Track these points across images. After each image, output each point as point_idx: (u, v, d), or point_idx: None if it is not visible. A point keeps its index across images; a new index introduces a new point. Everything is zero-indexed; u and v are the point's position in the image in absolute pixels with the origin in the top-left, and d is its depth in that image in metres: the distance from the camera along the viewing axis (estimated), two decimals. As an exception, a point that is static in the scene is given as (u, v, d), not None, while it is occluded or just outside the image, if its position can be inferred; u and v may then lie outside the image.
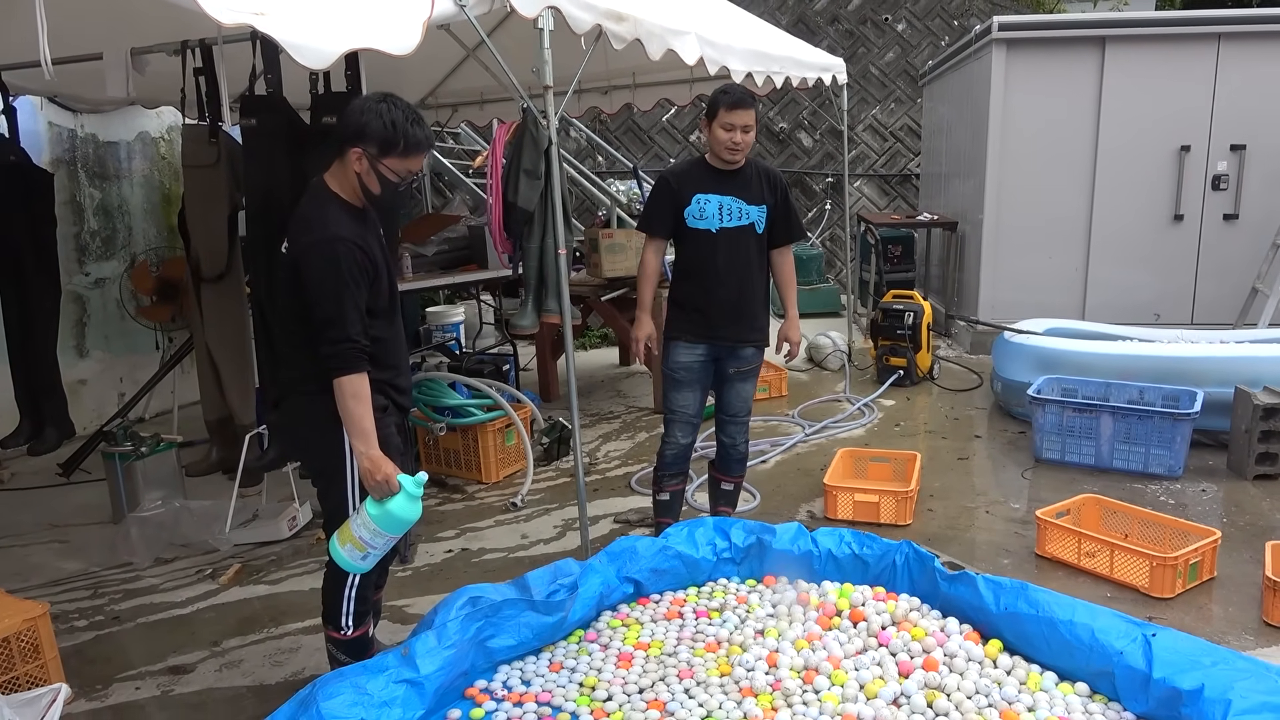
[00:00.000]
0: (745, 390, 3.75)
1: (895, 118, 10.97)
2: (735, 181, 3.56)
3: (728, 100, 3.44)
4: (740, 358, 3.67)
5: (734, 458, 3.84)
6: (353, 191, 2.57)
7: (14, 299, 4.89)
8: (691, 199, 3.54)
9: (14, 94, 4.88)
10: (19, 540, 4.42)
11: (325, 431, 2.57)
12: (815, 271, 9.64)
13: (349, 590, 2.68)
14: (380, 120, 2.45)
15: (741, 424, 3.79)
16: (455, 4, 3.04)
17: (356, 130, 2.47)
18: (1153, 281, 7.22)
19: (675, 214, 3.56)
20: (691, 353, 3.61)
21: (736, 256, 3.56)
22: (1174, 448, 4.56)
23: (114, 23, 3.89)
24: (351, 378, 2.44)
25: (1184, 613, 3.28)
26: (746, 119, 3.44)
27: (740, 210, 3.55)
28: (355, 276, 2.47)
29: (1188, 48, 6.96)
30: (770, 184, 3.62)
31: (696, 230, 3.54)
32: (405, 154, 2.50)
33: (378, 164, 2.50)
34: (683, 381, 3.65)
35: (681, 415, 3.69)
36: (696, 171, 3.60)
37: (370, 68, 3.76)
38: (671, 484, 3.81)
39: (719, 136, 3.47)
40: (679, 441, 3.72)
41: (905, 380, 6.52)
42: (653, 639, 2.92)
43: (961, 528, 4.15)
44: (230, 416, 4.66)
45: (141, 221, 6.58)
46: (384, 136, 2.46)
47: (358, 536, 2.48)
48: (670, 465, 3.77)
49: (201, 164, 4.39)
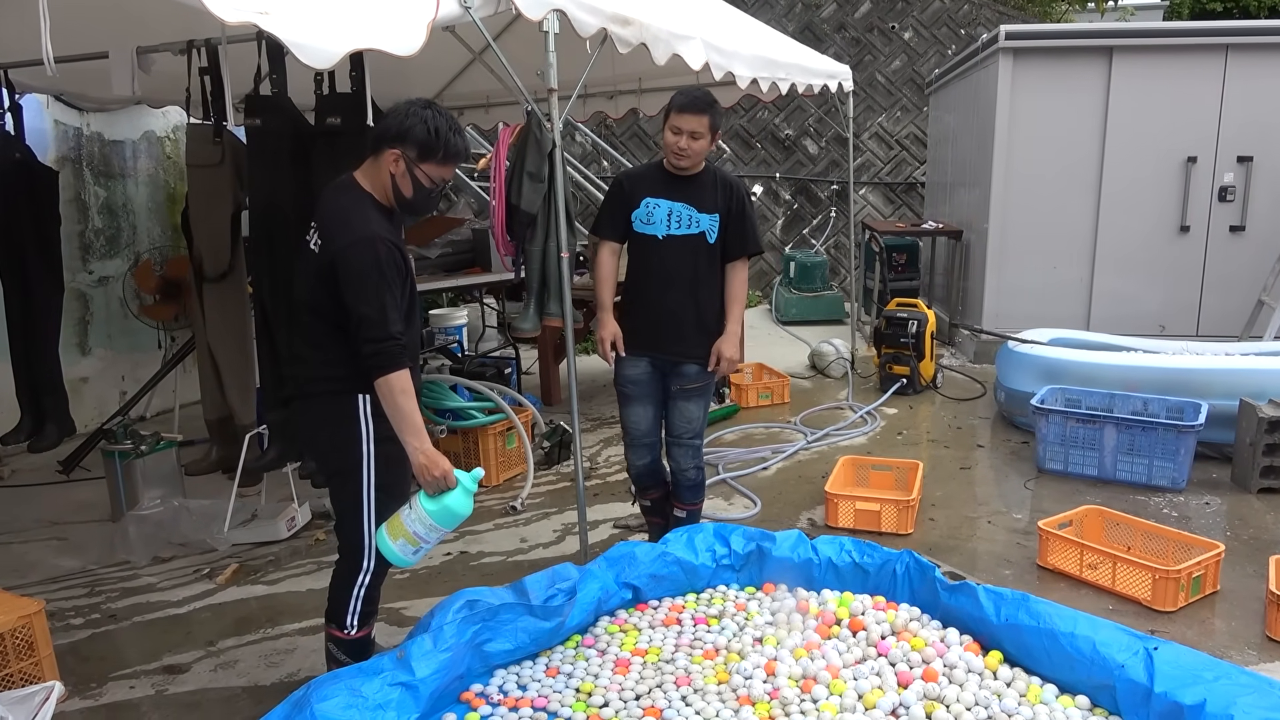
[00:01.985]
0: (690, 410, 3.51)
1: (901, 126, 10.96)
2: (689, 188, 3.39)
3: (678, 102, 3.29)
4: (683, 375, 3.45)
5: (684, 484, 3.63)
6: (384, 192, 2.58)
7: (17, 296, 4.89)
8: (640, 202, 3.39)
9: (20, 92, 4.89)
10: (17, 537, 4.42)
11: (340, 431, 2.58)
12: (819, 279, 9.64)
13: (358, 590, 2.67)
14: (425, 125, 2.49)
15: (687, 446, 3.55)
16: (460, 5, 3.03)
17: (399, 132, 2.50)
18: (1158, 293, 7.19)
19: (625, 217, 3.43)
20: (636, 366, 3.45)
21: (682, 266, 3.38)
22: (1178, 460, 4.54)
23: (120, 21, 3.90)
24: (398, 374, 2.45)
25: (1186, 626, 3.26)
26: (694, 124, 3.25)
27: (690, 218, 3.37)
28: (392, 276, 2.48)
29: (1195, 59, 6.94)
30: (727, 193, 3.43)
31: (642, 236, 3.40)
32: (444, 161, 2.54)
33: (415, 168, 2.52)
34: (631, 396, 3.49)
35: (633, 434, 3.54)
36: (652, 175, 3.47)
37: (375, 70, 3.76)
38: (651, 493, 3.73)
39: (666, 139, 3.33)
40: (636, 464, 3.60)
41: (908, 389, 6.50)
42: (650, 645, 2.90)
43: (963, 538, 4.13)
44: (231, 416, 4.65)
45: (145, 220, 6.58)
46: (426, 142, 2.49)
47: (411, 531, 2.49)
48: (642, 479, 3.68)
49: (206, 163, 4.38)
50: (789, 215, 10.99)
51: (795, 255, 9.89)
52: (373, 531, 2.63)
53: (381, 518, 2.64)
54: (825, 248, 10.74)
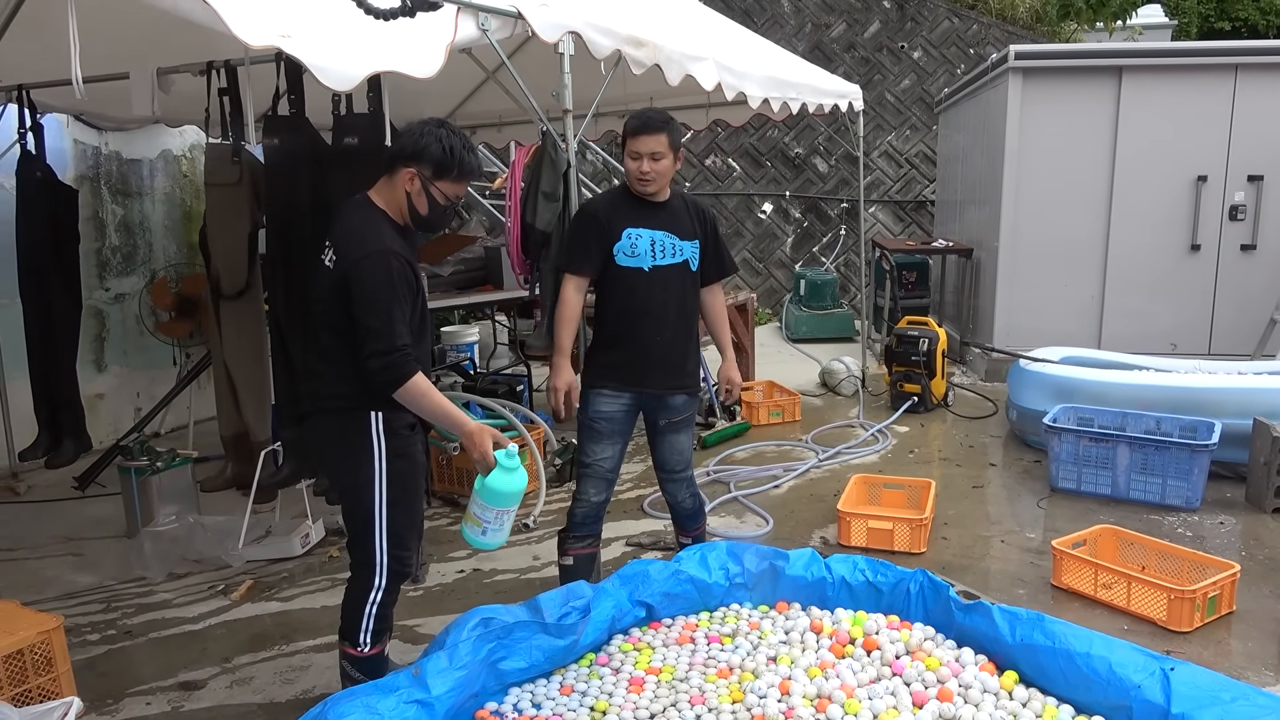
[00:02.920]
0: (680, 443, 3.42)
1: (911, 144, 11.00)
2: (666, 215, 3.26)
3: (631, 126, 3.15)
4: (671, 407, 3.35)
5: (685, 513, 3.58)
6: (398, 209, 2.63)
7: (36, 312, 4.95)
8: (622, 234, 3.20)
9: (42, 112, 4.96)
10: (34, 553, 4.45)
11: (352, 448, 2.60)
12: (830, 297, 9.65)
13: (370, 607, 2.68)
14: (440, 144, 2.54)
15: (681, 479, 3.48)
16: (478, 28, 3.08)
17: (414, 151, 2.55)
18: (1169, 311, 7.18)
19: (604, 250, 3.22)
20: (615, 402, 3.28)
21: (670, 296, 3.26)
22: (1192, 479, 4.52)
23: (140, 43, 3.95)
24: (414, 380, 2.50)
25: (1202, 647, 3.24)
26: (653, 145, 3.11)
27: (674, 246, 3.25)
28: (403, 290, 2.52)
29: (1205, 78, 6.96)
30: (701, 219, 3.35)
31: (627, 269, 3.21)
32: (458, 178, 2.60)
33: (430, 185, 2.58)
34: (603, 433, 3.29)
35: (598, 470, 3.32)
36: (624, 203, 3.27)
37: (391, 89, 3.81)
38: (577, 546, 3.41)
39: (628, 166, 3.19)
40: (591, 500, 3.36)
41: (919, 407, 6.49)
42: (664, 664, 2.90)
43: (976, 557, 4.12)
44: (246, 432, 4.68)
45: (162, 238, 6.65)
46: (441, 160, 2.55)
47: (472, 513, 2.60)
48: (579, 526, 3.39)
49: (224, 182, 4.44)
50: (799, 233, 11.02)
51: (805, 273, 9.90)
52: (384, 549, 2.65)
53: (394, 534, 2.66)
54: (835, 265, 10.76)
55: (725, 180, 11.09)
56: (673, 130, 3.17)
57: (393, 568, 2.69)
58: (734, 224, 11.03)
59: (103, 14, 2.82)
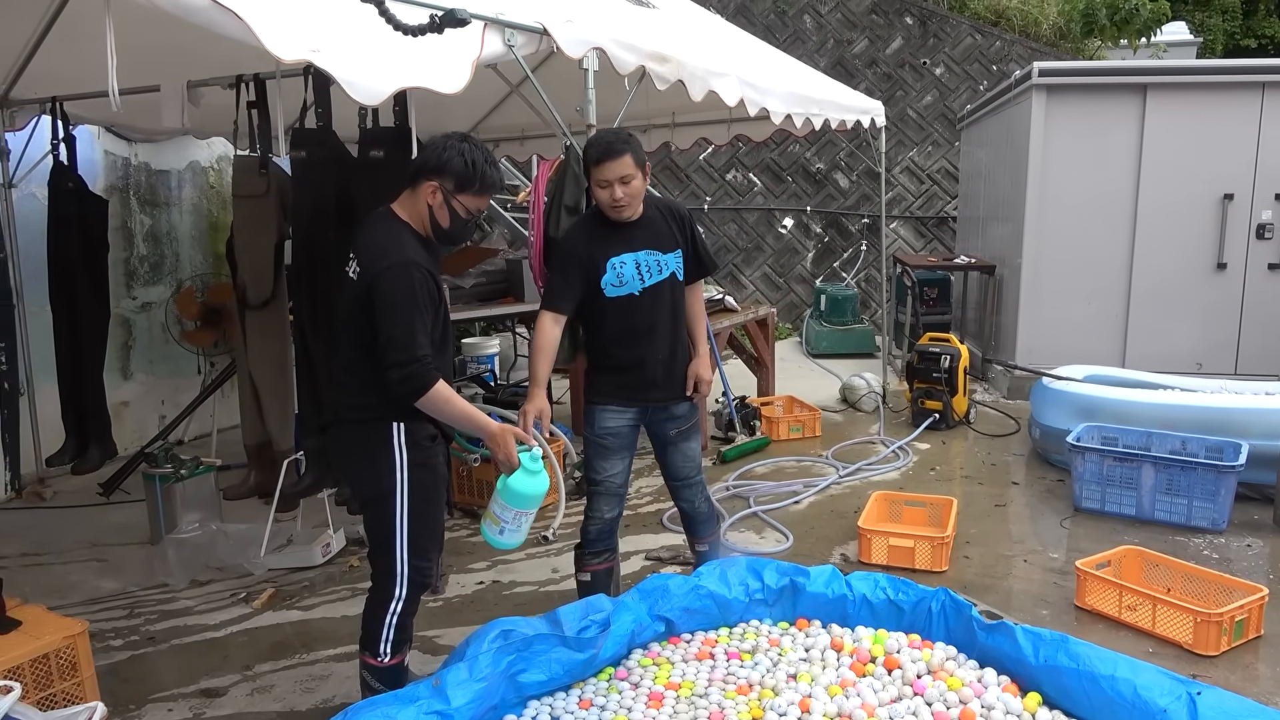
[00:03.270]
0: (690, 450, 3.43)
1: (932, 160, 10.98)
2: (645, 232, 3.19)
3: (593, 156, 3.03)
4: (675, 416, 3.35)
5: (698, 519, 3.56)
6: (421, 222, 2.66)
7: (66, 320, 5.01)
8: (606, 267, 3.13)
9: (74, 123, 5.04)
10: (60, 558, 4.49)
11: (374, 458, 2.62)
12: (850, 312, 9.62)
13: (391, 617, 2.69)
14: (462, 158, 2.58)
15: (695, 484, 3.48)
16: (504, 44, 3.11)
17: (436, 165, 2.59)
18: (1195, 330, 7.11)
19: (589, 286, 3.15)
20: (621, 417, 3.26)
21: (661, 312, 3.23)
22: (1218, 500, 4.47)
23: (172, 56, 4.02)
24: (435, 388, 2.52)
25: (1229, 671, 3.20)
26: (621, 170, 3.01)
27: (659, 263, 3.21)
28: (425, 302, 2.55)
29: (1231, 96, 6.91)
30: (679, 223, 3.29)
31: (619, 299, 3.16)
32: (480, 192, 2.63)
33: (452, 199, 2.61)
34: (611, 449, 3.27)
35: (608, 486, 3.30)
36: (601, 231, 3.18)
37: (417, 103, 3.85)
38: (594, 562, 3.39)
39: (599, 197, 3.09)
40: (604, 516, 3.34)
41: (941, 424, 6.46)
42: (684, 679, 2.89)
43: (998, 576, 4.08)
44: (269, 441, 4.72)
45: (189, 248, 6.73)
46: (463, 173, 2.58)
47: (492, 511, 2.67)
48: (594, 543, 3.37)
49: (251, 194, 4.49)
50: (820, 248, 11.01)
51: (826, 288, 9.89)
52: (405, 559, 2.67)
53: (415, 545, 2.67)
54: (856, 281, 10.74)
55: (746, 195, 11.10)
56: (635, 148, 3.07)
57: (413, 578, 2.70)
58: (754, 239, 11.04)
59: (136, 27, 2.87)
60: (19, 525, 4.97)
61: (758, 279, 10.99)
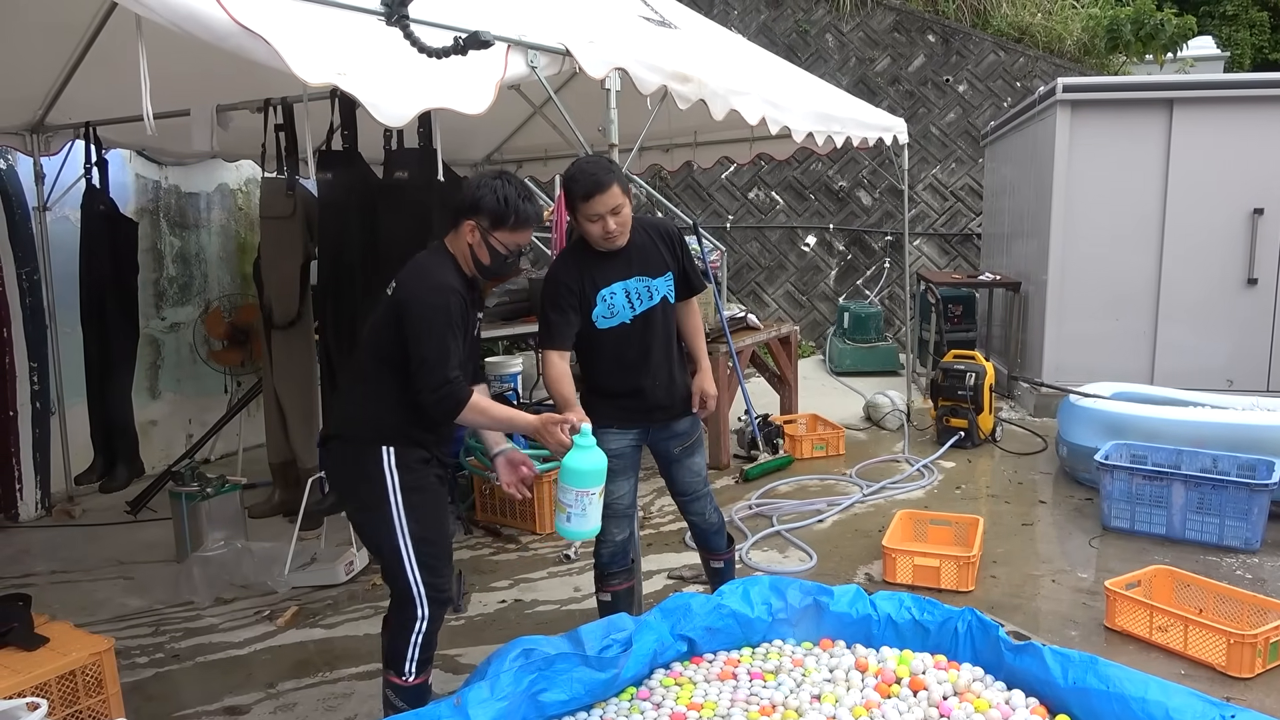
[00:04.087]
0: (695, 465, 3.41)
1: (956, 177, 10.94)
2: (634, 258, 3.14)
3: (580, 190, 2.95)
4: (678, 433, 3.33)
5: (710, 531, 3.54)
6: (465, 259, 2.71)
7: (96, 340, 5.10)
8: (597, 299, 3.09)
9: (107, 148, 5.14)
10: (87, 575, 4.54)
11: (367, 482, 2.65)
12: (874, 330, 9.57)
13: (415, 637, 2.70)
14: (494, 195, 2.62)
15: (703, 497, 3.46)
16: (527, 65, 3.14)
17: (472, 204, 2.64)
18: (1225, 347, 7.01)
19: (582, 319, 3.11)
20: (623, 439, 3.22)
21: (655, 336, 3.20)
22: (1251, 519, 4.39)
23: (201, 80, 4.09)
24: (470, 403, 2.57)
25: (1264, 694, 3.13)
26: (611, 201, 2.95)
27: (649, 289, 3.17)
28: (457, 327, 2.59)
29: (1259, 110, 6.84)
30: (668, 244, 3.24)
31: (612, 330, 3.13)
32: (515, 227, 2.66)
33: (489, 236, 2.65)
34: (616, 471, 3.13)
35: (616, 509, 3.23)
36: (590, 261, 3.11)
37: (441, 125, 3.89)
38: (613, 584, 3.38)
39: (588, 230, 3.02)
40: (615, 539, 3.30)
41: (966, 442, 6.39)
42: (706, 699, 2.86)
43: (1026, 596, 4.03)
44: (293, 460, 4.76)
45: (217, 269, 6.82)
46: (497, 210, 2.62)
47: (559, 501, 2.71)
48: (609, 564, 3.35)
49: (278, 215, 4.56)
50: (843, 266, 10.98)
51: (849, 306, 9.85)
52: (419, 579, 2.68)
53: (424, 564, 2.69)
54: (879, 299, 10.69)
55: (769, 213, 11.10)
56: (619, 175, 3.03)
57: (431, 596, 2.71)
58: (777, 256, 11.02)
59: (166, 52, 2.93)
60: (49, 543, 5.04)
61: (780, 297, 10.97)
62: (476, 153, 7.06)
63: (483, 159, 7.16)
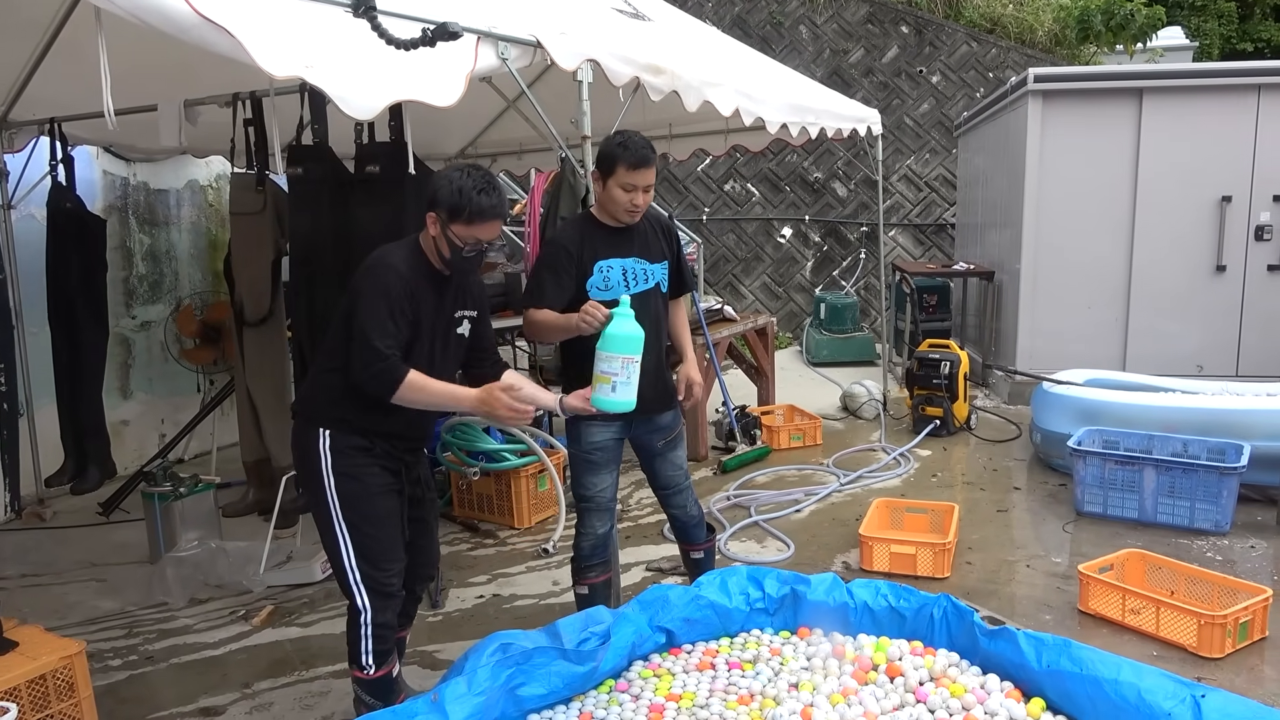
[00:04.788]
0: (677, 458, 3.45)
1: (930, 168, 11.00)
2: (634, 240, 3.21)
3: (630, 159, 3.02)
4: (661, 427, 3.36)
5: (690, 523, 3.57)
6: (433, 253, 2.70)
7: (65, 340, 5.02)
8: (594, 268, 3.13)
9: (72, 144, 5.06)
10: (58, 578, 4.48)
11: (306, 463, 2.68)
12: (850, 320, 9.62)
13: (364, 628, 2.69)
14: (450, 188, 2.57)
15: (684, 490, 3.50)
16: (498, 57, 3.11)
17: (431, 197, 2.62)
18: (1195, 333, 7.10)
19: (576, 285, 3.13)
20: (606, 431, 3.24)
21: (645, 322, 3.02)
22: (1220, 502, 4.45)
23: (168, 76, 4.04)
24: (406, 381, 2.52)
25: (1234, 674, 3.17)
26: (648, 178, 3.08)
27: (645, 272, 3.21)
28: (397, 308, 2.56)
29: (1227, 99, 6.92)
30: (666, 236, 3.32)
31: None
32: (471, 221, 2.58)
33: (447, 229, 2.61)
34: (599, 464, 3.26)
35: (599, 501, 3.29)
36: (591, 233, 3.18)
37: (413, 118, 3.86)
38: (591, 575, 3.38)
39: (617, 197, 3.06)
40: (596, 532, 3.32)
41: (942, 430, 6.44)
42: (684, 690, 2.87)
43: (1001, 582, 4.06)
44: (267, 458, 4.72)
45: (187, 266, 6.74)
46: (452, 203, 2.57)
47: (601, 373, 2.68)
48: (589, 557, 3.36)
49: (248, 211, 4.51)
50: (819, 257, 11.02)
51: (825, 297, 9.89)
52: (354, 567, 2.65)
53: (363, 557, 2.67)
54: (855, 289, 10.74)
55: (744, 205, 11.12)
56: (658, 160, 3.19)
57: (370, 585, 2.68)
58: (753, 248, 11.05)
59: (132, 48, 2.88)
60: (19, 546, 4.96)
61: (757, 288, 10.99)
62: (450, 147, 7.01)
63: (456, 153, 7.11)
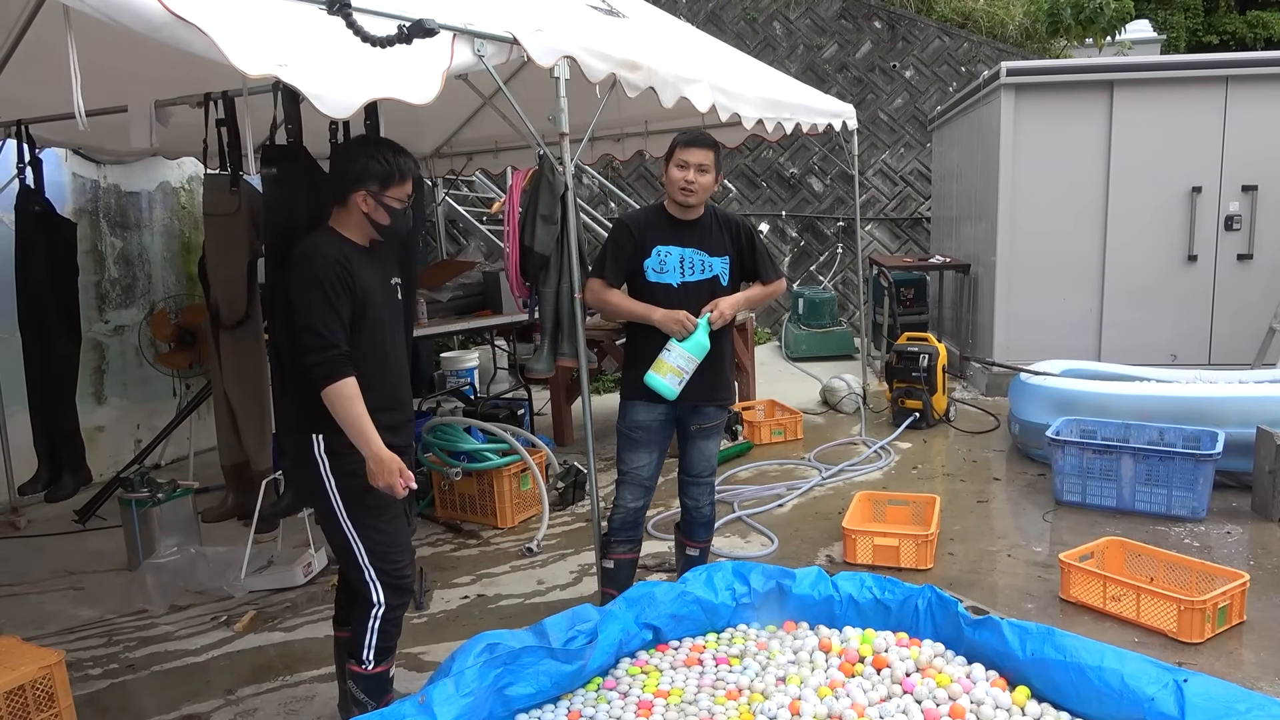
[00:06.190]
0: (709, 448, 3.53)
1: (905, 162, 11.06)
2: (695, 232, 3.36)
3: (683, 139, 3.30)
4: (703, 415, 3.46)
5: (699, 521, 3.64)
6: (362, 231, 2.74)
7: (36, 346, 4.93)
8: (651, 250, 3.32)
9: (41, 146, 4.97)
10: (35, 587, 4.41)
11: (308, 472, 2.69)
12: (828, 315, 9.65)
13: (373, 623, 2.71)
14: (375, 160, 2.69)
15: (705, 484, 3.58)
16: (474, 54, 3.09)
17: (357, 176, 2.68)
18: (1168, 322, 7.19)
19: (634, 264, 3.35)
20: (651, 412, 3.37)
21: (698, 313, 3.31)
22: (1197, 489, 4.51)
23: (137, 76, 3.97)
24: (343, 382, 2.53)
25: (1214, 658, 3.22)
26: (702, 158, 3.25)
27: (703, 263, 3.35)
28: (336, 290, 2.58)
29: (1196, 90, 7.01)
30: (733, 233, 3.43)
31: (657, 285, 3.33)
32: (401, 181, 2.73)
33: (382, 198, 2.70)
34: (640, 442, 3.40)
35: (634, 477, 3.42)
36: (656, 220, 3.39)
37: (388, 117, 3.82)
38: (618, 550, 3.49)
39: (673, 176, 3.29)
40: (628, 505, 3.45)
41: (921, 423, 6.48)
42: (672, 686, 2.87)
43: (983, 572, 4.10)
44: (246, 462, 4.65)
45: (161, 270, 6.66)
46: (384, 173, 2.69)
47: (673, 366, 3.22)
48: (619, 530, 3.48)
49: (222, 212, 4.44)
50: (796, 252, 11.05)
51: (803, 292, 9.92)
52: (369, 564, 2.68)
53: (374, 552, 2.67)
54: (833, 284, 10.78)
55: (721, 201, 11.13)
56: (719, 151, 3.35)
57: (386, 581, 2.71)
58: (731, 245, 11.05)
59: (101, 48, 2.83)
60: (-7, 556, 4.89)
61: (735, 285, 11.00)
62: (426, 145, 6.96)
63: (432, 151, 7.07)
